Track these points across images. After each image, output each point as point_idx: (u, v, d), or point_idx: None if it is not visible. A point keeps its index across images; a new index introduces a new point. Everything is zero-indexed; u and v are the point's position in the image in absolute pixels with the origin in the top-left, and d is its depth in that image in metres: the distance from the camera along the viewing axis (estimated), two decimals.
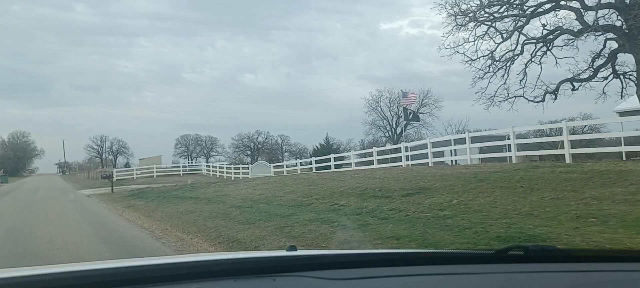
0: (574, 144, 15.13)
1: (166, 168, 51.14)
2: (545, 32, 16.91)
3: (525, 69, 17.60)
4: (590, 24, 15.40)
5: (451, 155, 20.16)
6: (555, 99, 17.57)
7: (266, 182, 18.04)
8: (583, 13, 15.73)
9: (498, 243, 5.83)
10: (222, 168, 43.31)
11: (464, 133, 20.92)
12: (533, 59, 17.41)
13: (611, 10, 15.55)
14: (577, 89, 17.19)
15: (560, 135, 16.46)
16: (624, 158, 14.66)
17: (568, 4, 16.20)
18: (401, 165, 21.03)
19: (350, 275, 1.42)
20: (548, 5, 16.53)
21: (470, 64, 17.64)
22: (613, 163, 11.05)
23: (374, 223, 8.08)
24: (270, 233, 8.31)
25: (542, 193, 8.27)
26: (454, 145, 19.99)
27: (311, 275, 1.39)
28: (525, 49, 17.48)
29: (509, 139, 16.37)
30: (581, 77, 16.95)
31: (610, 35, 15.78)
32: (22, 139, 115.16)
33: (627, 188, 7.79)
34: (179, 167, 46.90)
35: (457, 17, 16.96)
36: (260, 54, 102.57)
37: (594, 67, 16.65)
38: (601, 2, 15.47)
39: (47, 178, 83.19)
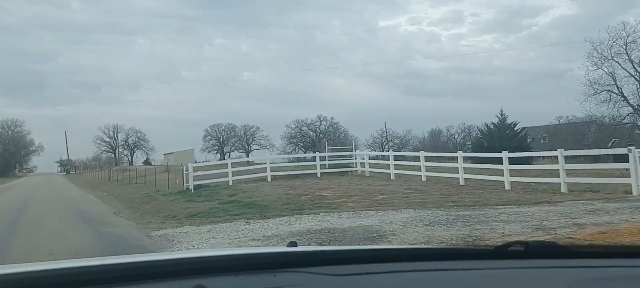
0: None
1: (281, 164, 27.94)
2: None
3: None
4: None
5: None
6: None
7: None
8: None
9: None
10: (375, 159, 20.37)
11: None
12: None
13: None
14: None
15: None
16: None
17: None
18: None
19: (350, 271, 1.42)
20: None
21: None
22: None
23: None
24: None
25: None
26: None
27: (311, 271, 1.37)
28: None
29: None
30: None
31: None
32: (15, 130, 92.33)
33: None
34: (314, 162, 23.37)
35: None
36: (258, 51, 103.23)
37: None
38: None
39: (47, 179, 60.72)
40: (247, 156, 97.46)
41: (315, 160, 22.81)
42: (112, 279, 1.24)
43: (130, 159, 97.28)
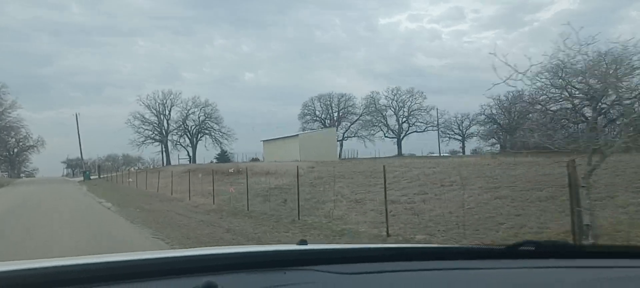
0: None
1: None
2: None
3: None
4: None
5: None
6: None
7: None
8: None
9: None
10: None
11: None
12: None
13: None
14: None
15: None
16: None
17: None
18: None
19: (360, 270, 1.42)
20: None
21: None
22: None
23: None
24: None
25: None
26: None
27: (322, 269, 1.37)
28: None
29: None
30: None
31: None
32: None
33: None
34: None
35: None
36: (259, 50, 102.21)
37: None
38: None
39: (49, 192, 21.24)
40: (399, 146, 61.69)
41: None
42: (123, 276, 1.23)
43: (191, 153, 60.25)
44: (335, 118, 61.04)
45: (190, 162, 56.43)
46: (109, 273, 1.23)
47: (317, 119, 62.28)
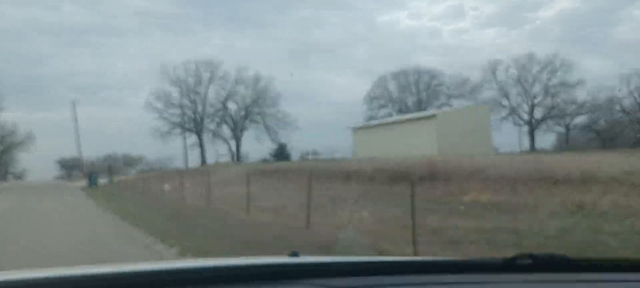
0: None
1: None
2: None
3: None
4: None
5: None
6: None
7: None
8: None
9: None
10: None
11: None
12: None
13: None
14: None
15: None
16: None
17: None
18: None
19: (353, 284, 1.38)
20: None
21: None
22: None
23: None
24: None
25: None
26: None
27: (314, 283, 1.34)
28: None
29: None
30: None
31: None
32: None
33: None
34: None
35: None
36: (257, 51, 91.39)
37: None
38: None
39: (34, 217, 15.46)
40: (531, 138, 44.51)
41: None
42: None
43: (234, 147, 45.18)
44: (419, 100, 46.71)
45: (232, 160, 42.15)
46: (99, 284, 1.20)
47: (392, 102, 48.00)
